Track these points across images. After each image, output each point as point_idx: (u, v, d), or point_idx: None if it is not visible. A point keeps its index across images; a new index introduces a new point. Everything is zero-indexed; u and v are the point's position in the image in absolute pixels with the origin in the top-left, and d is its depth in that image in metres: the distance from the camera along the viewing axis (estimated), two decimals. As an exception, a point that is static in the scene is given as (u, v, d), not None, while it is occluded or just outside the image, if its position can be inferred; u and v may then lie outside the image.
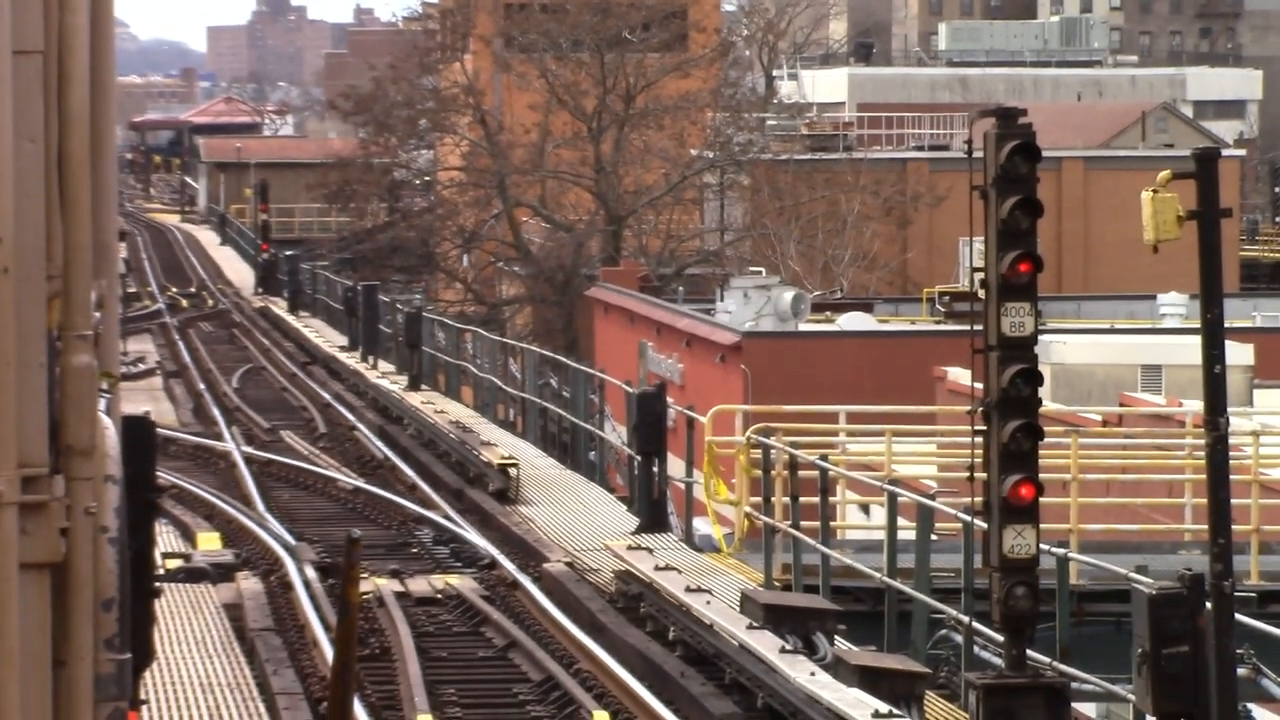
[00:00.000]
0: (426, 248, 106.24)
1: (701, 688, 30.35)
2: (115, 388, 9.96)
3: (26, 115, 6.72)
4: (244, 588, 36.20)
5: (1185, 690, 22.09)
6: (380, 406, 64.33)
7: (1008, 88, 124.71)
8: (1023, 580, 26.52)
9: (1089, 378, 52.41)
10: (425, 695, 30.11)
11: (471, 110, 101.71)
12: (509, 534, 42.94)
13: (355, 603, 20.89)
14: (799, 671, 29.13)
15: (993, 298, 26.35)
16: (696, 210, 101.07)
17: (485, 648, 33.72)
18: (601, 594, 36.49)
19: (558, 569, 38.70)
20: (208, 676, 29.20)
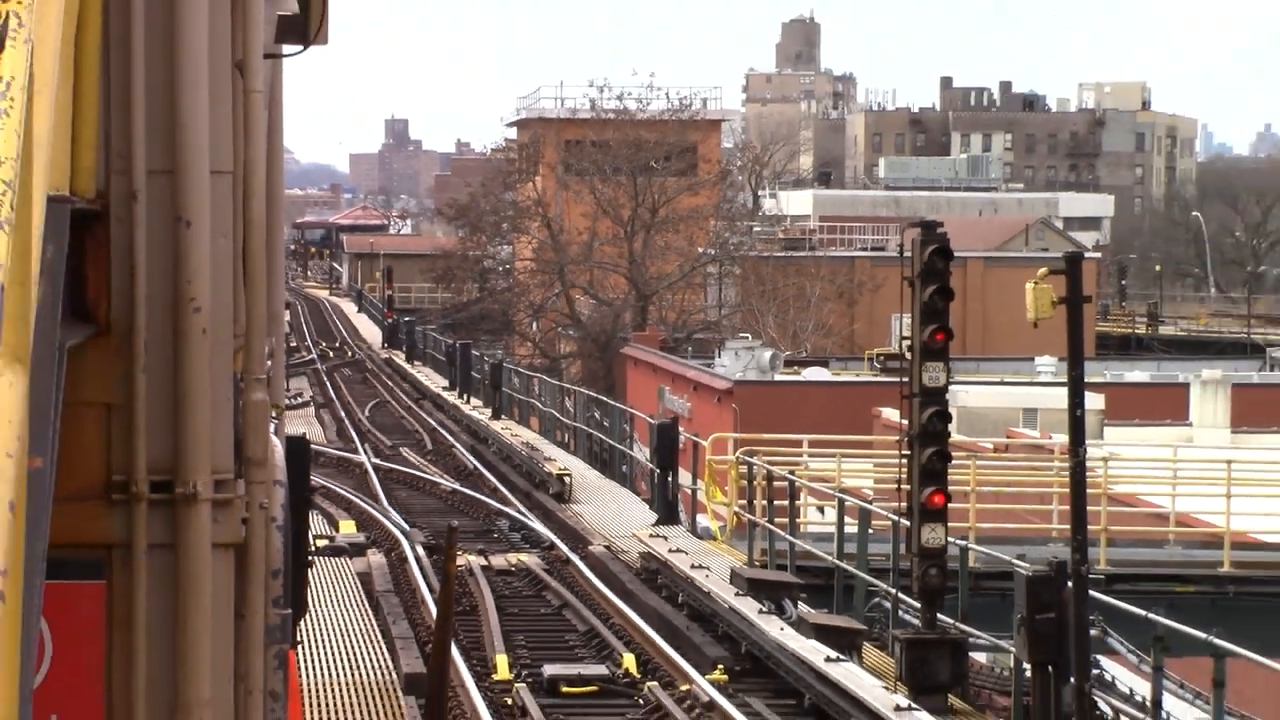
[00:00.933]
0: (506, 316, 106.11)
1: (701, 638, 30.32)
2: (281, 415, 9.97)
3: (220, 218, 6.72)
4: (372, 561, 36.18)
5: (1051, 645, 22.07)
6: (471, 431, 64.24)
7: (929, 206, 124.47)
8: (934, 563, 26.50)
9: (985, 417, 52.30)
10: (502, 640, 30.04)
11: (539, 217, 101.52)
12: (563, 524, 42.88)
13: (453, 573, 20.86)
14: (772, 627, 29.08)
15: (916, 358, 26.37)
16: (702, 291, 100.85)
17: (545, 607, 33.65)
18: (629, 569, 36.43)
19: (598, 550, 38.66)
20: (345, 625, 29.16)
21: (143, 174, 6.55)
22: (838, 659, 26.57)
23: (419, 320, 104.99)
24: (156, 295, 6.59)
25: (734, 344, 78.40)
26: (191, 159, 6.56)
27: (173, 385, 6.64)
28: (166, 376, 6.62)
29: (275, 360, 9.88)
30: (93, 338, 6.48)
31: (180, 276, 6.59)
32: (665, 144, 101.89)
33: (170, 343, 6.60)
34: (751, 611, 30.01)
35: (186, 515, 6.69)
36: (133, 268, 6.57)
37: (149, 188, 6.57)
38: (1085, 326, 23.03)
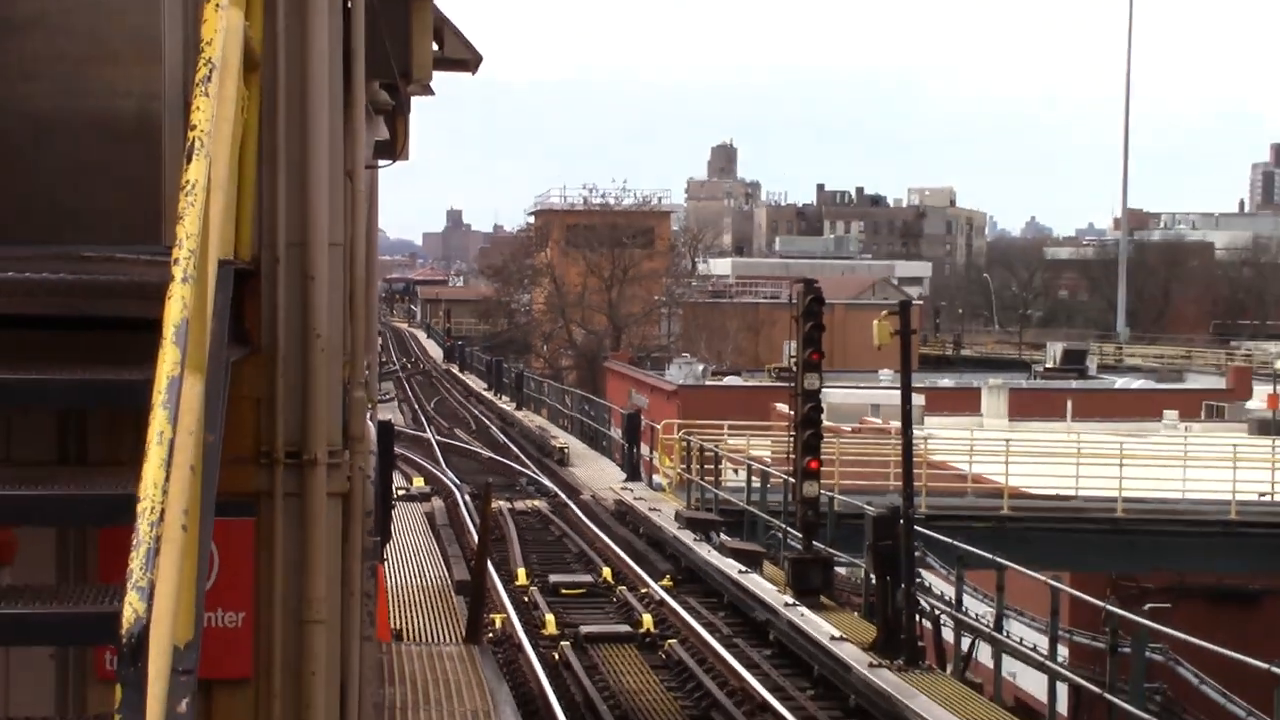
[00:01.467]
0: (525, 341, 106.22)
1: (655, 557, 30.32)
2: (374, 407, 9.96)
3: (334, 275, 6.68)
4: (434, 504, 36.17)
5: (889, 563, 22.06)
6: (502, 417, 64.23)
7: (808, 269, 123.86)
8: (811, 508, 26.48)
9: (844, 410, 52.29)
10: (521, 556, 30.05)
11: (549, 275, 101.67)
12: (563, 480, 42.85)
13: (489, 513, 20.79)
14: (702, 550, 29.06)
15: (800, 370, 26.38)
16: (657, 325, 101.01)
17: (550, 536, 33.62)
18: (607, 510, 36.41)
19: (586, 498, 38.62)
20: (416, 547, 29.11)
21: (283, 245, 6.53)
22: (746, 571, 26.64)
23: (467, 343, 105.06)
24: (291, 327, 6.56)
25: (678, 360, 78.36)
26: (316, 235, 6.53)
27: (301, 387, 6.60)
28: (297, 381, 6.59)
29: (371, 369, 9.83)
30: (249, 355, 6.44)
31: (307, 315, 6.55)
32: (633, 226, 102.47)
33: (300, 358, 6.57)
34: (689, 540, 30.06)
35: (310, 474, 6.66)
36: (275, 309, 6.54)
37: (286, 255, 6.54)
38: (911, 350, 23.01)
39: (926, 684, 19.66)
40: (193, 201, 4.49)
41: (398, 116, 10.54)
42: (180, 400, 4.17)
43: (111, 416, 6.43)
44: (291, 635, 6.70)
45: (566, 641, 23.34)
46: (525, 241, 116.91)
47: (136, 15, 6.35)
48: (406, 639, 19.69)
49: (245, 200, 5.94)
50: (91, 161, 6.40)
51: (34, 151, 6.31)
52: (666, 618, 24.89)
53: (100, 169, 6.40)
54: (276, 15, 6.39)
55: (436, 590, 24.30)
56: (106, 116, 6.45)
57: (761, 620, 24.16)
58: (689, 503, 36.34)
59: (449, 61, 11.55)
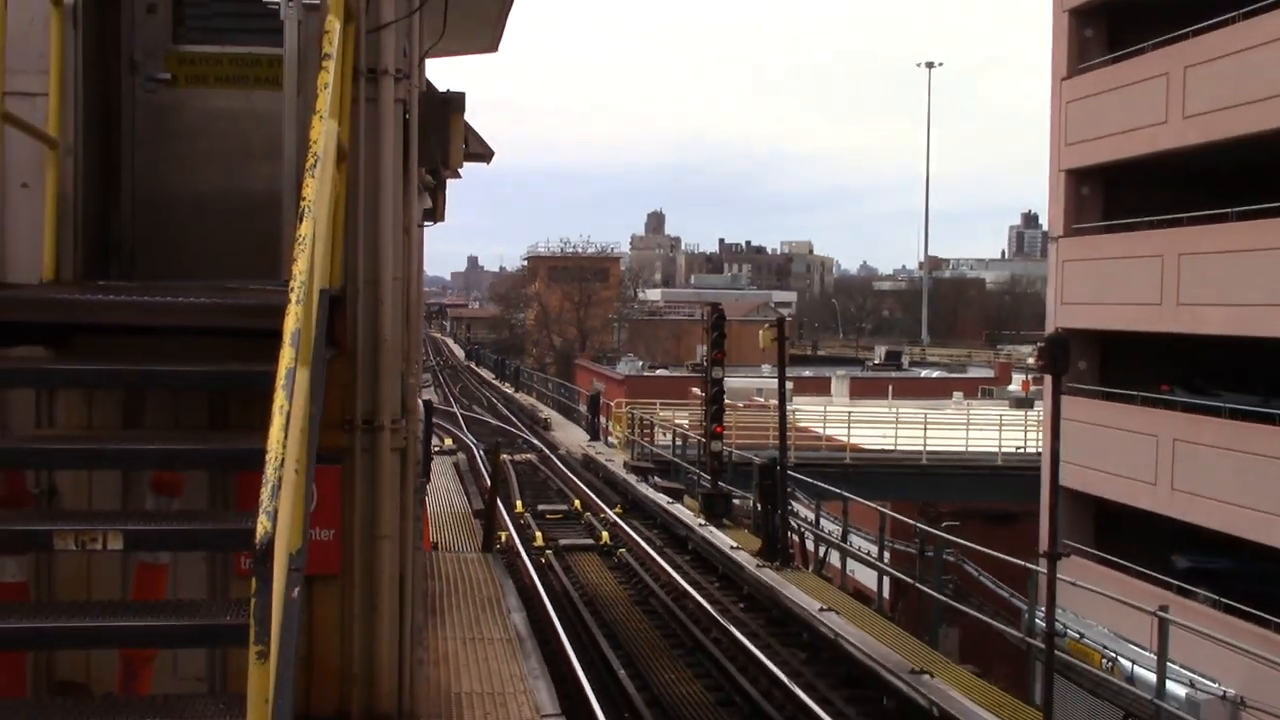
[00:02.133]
0: (522, 345, 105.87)
1: (610, 494, 30.25)
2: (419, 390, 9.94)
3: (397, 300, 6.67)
4: (459, 458, 35.96)
5: (770, 496, 22.10)
6: (505, 398, 63.98)
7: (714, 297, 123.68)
8: (717, 459, 26.47)
9: (739, 391, 52.27)
10: (519, 493, 29.94)
11: (536, 301, 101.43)
12: (547, 440, 42.70)
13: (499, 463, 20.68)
14: (643, 488, 29.03)
15: (709, 365, 26.38)
16: (612, 335, 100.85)
17: (538, 478, 33.50)
18: (577, 462, 36.31)
19: (563, 453, 38.49)
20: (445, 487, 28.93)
21: (362, 279, 6.52)
22: (673, 503, 26.58)
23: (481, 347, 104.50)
24: (367, 335, 6.55)
25: (625, 359, 78.31)
26: (384, 273, 6.53)
27: (374, 376, 6.59)
28: (371, 372, 6.58)
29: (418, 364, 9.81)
30: (338, 354, 6.43)
31: (378, 326, 6.54)
32: (594, 267, 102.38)
33: (373, 357, 6.56)
34: (633, 481, 29.98)
35: (379, 436, 6.64)
36: (356, 322, 6.52)
37: (364, 286, 6.52)
38: (784, 351, 23.03)
39: (796, 579, 19.74)
40: (303, 249, 4.50)
41: (438, 191, 10.52)
42: (294, 385, 4.19)
43: (246, 395, 6.42)
44: (366, 546, 6.69)
45: (550, 550, 23.30)
46: (521, 278, 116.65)
47: (269, 125, 6.46)
48: (441, 549, 19.61)
49: (337, 248, 5.95)
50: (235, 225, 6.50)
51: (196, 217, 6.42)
52: (618, 534, 24.89)
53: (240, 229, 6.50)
54: (359, 123, 6.41)
55: (461, 516, 24.21)
56: (246, 194, 6.54)
57: (683, 536, 24.18)
58: (633, 456, 36.32)
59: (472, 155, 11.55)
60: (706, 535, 22.83)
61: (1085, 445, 24.60)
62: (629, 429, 39.59)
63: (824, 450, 37.66)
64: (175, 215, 6.63)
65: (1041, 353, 12.47)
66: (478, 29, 10.56)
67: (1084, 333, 25.73)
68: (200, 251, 6.61)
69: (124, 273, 6.62)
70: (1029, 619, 16.76)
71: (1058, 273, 27.32)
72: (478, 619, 12.53)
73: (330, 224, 5.15)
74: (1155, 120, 24.01)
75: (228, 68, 6.74)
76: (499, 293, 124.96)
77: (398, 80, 6.52)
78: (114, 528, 4.63)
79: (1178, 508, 22.80)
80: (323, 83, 5.00)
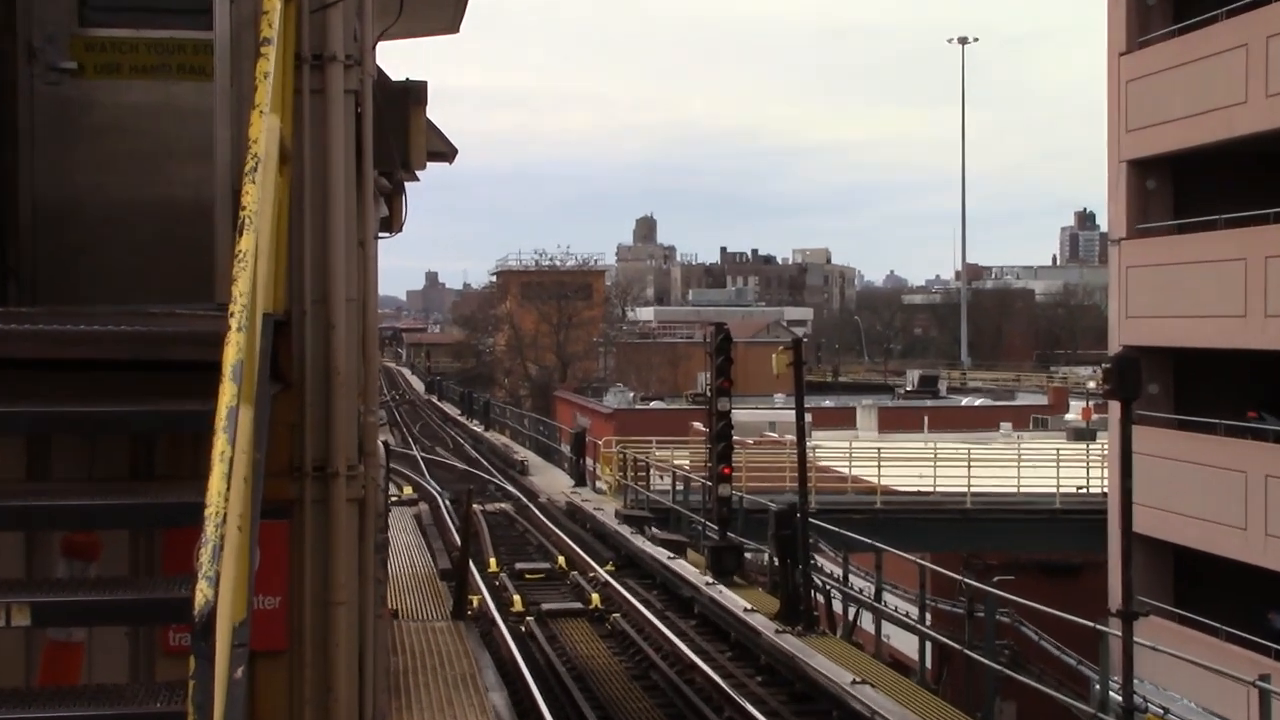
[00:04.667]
0: (491, 375, 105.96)
1: (600, 546, 30.23)
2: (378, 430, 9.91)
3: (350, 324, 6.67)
4: (421, 508, 35.92)
5: (789, 548, 22.09)
6: (473, 437, 63.93)
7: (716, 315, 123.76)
8: (725, 506, 26.49)
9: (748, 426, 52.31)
10: (492, 549, 29.90)
11: (509, 323, 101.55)
12: (523, 487, 42.67)
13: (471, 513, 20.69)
14: (638, 540, 29.00)
15: (714, 395, 26.41)
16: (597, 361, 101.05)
17: (515, 531, 33.47)
18: (560, 510, 36.28)
19: (543, 501, 38.47)
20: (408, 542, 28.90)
21: (310, 301, 6.51)
22: (674, 557, 26.56)
23: (444, 378, 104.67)
24: (317, 366, 6.53)
25: (613, 389, 78.40)
26: (336, 292, 6.52)
27: (325, 414, 6.57)
28: (322, 409, 6.55)
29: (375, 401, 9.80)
30: (283, 389, 6.41)
31: (329, 356, 6.53)
32: (575, 283, 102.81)
33: (324, 391, 6.53)
34: (627, 532, 29.98)
35: (332, 484, 6.61)
36: (304, 352, 6.51)
37: (313, 309, 6.52)
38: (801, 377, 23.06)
39: (821, 645, 19.69)
40: (244, 267, 4.50)
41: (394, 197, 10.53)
42: (237, 426, 4.18)
43: (172, 439, 6.39)
44: (319, 614, 6.65)
45: (531, 616, 23.23)
46: (489, 296, 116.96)
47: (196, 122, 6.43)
48: (404, 617, 19.54)
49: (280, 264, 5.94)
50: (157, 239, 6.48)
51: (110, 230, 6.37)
52: (611, 596, 24.82)
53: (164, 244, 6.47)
54: (304, 119, 6.40)
55: (425, 577, 24.14)
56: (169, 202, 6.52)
57: (687, 597, 24.13)
58: (625, 503, 36.28)
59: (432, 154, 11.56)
60: (715, 595, 22.79)
61: (1159, 483, 24.51)
62: (620, 472, 39.56)
63: (850, 493, 37.68)
64: (85, 229, 6.57)
65: (1107, 374, 12.46)
66: (437, 6, 10.59)
67: (1153, 350, 25.74)
68: (115, 271, 6.54)
69: (24, 297, 6.59)
70: (1100, 690, 16.70)
71: (1120, 281, 27.38)
72: (450, 700, 12.48)
73: (274, 237, 5.14)
74: (1232, 100, 24.10)
75: (145, 55, 6.68)
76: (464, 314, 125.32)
77: (348, 68, 6.51)
78: (18, 600, 4.59)
79: (1272, 557, 22.70)
80: (262, 71, 5.00)
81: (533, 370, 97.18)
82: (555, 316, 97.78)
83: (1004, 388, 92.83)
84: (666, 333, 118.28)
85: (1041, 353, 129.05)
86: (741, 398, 63.24)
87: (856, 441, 46.68)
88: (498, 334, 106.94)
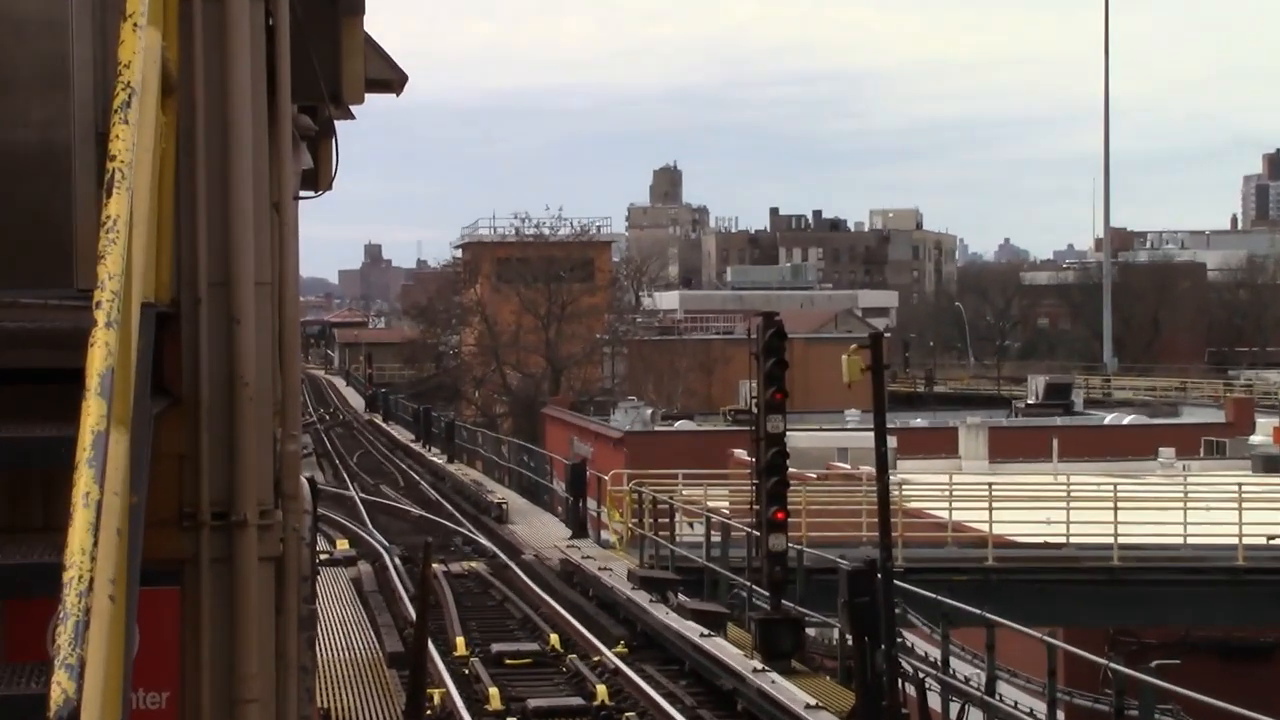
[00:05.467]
0: (456, 387, 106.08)
1: (607, 620, 30.28)
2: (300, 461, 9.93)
3: (262, 317, 6.70)
4: (361, 569, 36.02)
5: (867, 621, 22.08)
6: (433, 471, 64.03)
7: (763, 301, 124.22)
8: (779, 562, 26.52)
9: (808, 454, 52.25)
10: (459, 625, 29.95)
11: (479, 314, 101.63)
12: (502, 540, 42.74)
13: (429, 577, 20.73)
14: (659, 612, 29.02)
15: (762, 412, 26.45)
16: (600, 366, 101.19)
17: (490, 600, 33.51)
18: (552, 571, 36.35)
19: (529, 558, 38.53)
20: (343, 616, 29.00)
21: (205, 285, 6.54)
22: (709, 634, 26.57)
23: (391, 391, 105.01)
24: (216, 375, 6.55)
25: (624, 404, 78.53)
26: (241, 273, 6.54)
27: (228, 441, 6.59)
28: (223, 434, 6.58)
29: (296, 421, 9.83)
30: (169, 406, 6.43)
31: (233, 361, 6.55)
32: (570, 259, 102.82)
33: (226, 410, 6.55)
34: (644, 601, 30.02)
35: (239, 536, 6.64)
36: (197, 355, 6.53)
37: (209, 295, 6.54)
38: (882, 387, 23.09)
39: (912, 754, 19.68)
40: (114, 239, 4.49)
41: (321, 142, 10.57)
42: (107, 458, 4.18)
43: (13, 479, 6.40)
44: (221, 717, 6.67)
45: (513, 718, 23.25)
46: (452, 278, 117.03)
47: (40, 37, 6.40)
48: (337, 719, 19.60)
49: (163, 237, 5.95)
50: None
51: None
52: (622, 688, 24.82)
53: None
54: (194, 35, 6.41)
55: (368, 663, 24.17)
56: (4, 149, 6.51)
57: (728, 689, 24.11)
58: (642, 561, 36.28)
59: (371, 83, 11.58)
60: (765, 687, 22.79)
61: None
62: (635, 518, 39.61)
63: (951, 546, 37.69)
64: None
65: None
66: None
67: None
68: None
69: None
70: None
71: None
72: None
73: (155, 198, 5.16)
74: None
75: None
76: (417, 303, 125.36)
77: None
78: None
79: None
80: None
81: (513, 379, 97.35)
82: (543, 306, 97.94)
83: (1164, 400, 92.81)
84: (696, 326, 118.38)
85: (1216, 351, 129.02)
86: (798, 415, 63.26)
87: (959, 475, 46.65)
88: (464, 330, 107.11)
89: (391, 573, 34.88)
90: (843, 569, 23.39)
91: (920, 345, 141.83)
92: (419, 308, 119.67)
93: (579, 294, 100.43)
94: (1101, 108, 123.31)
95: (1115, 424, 74.05)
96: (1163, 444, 59.73)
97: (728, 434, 64.03)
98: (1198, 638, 36.56)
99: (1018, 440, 63.60)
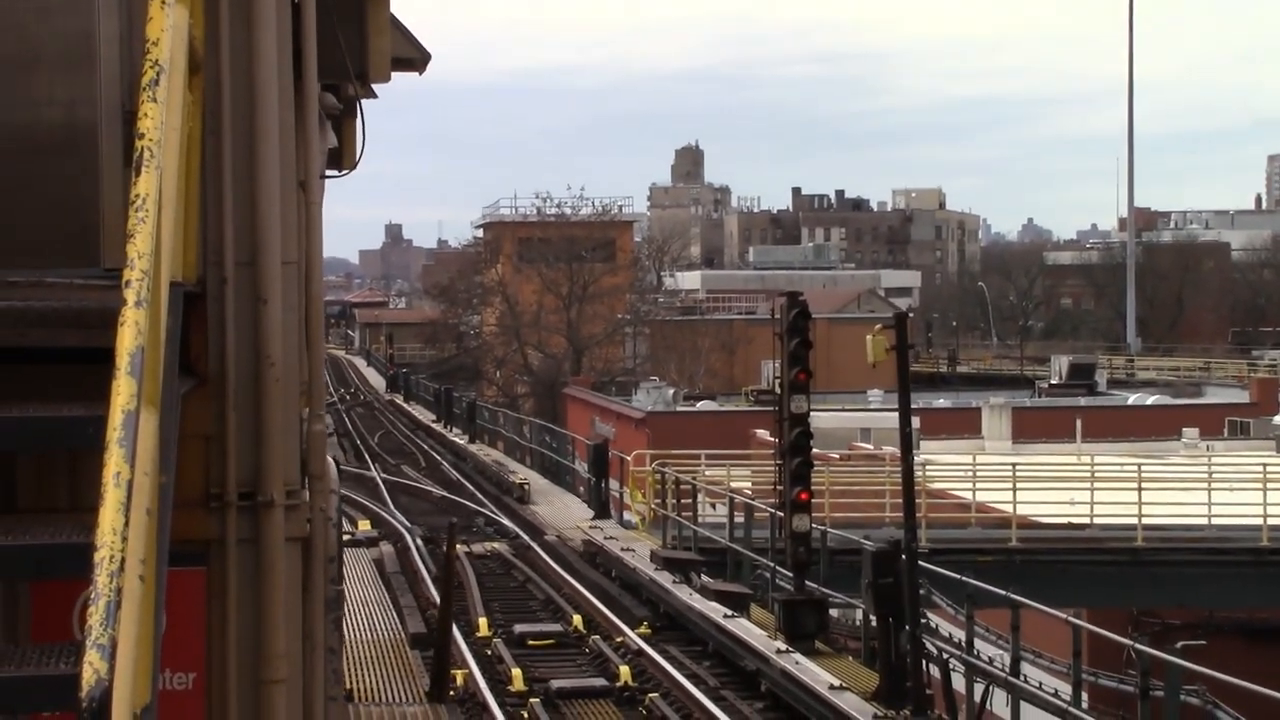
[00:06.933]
0: (477, 367, 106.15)
1: (630, 601, 30.29)
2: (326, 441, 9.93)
3: (288, 297, 6.68)
4: (383, 549, 36.03)
5: (891, 602, 22.06)
6: (454, 452, 64.03)
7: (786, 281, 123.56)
8: (802, 543, 26.49)
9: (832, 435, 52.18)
10: (482, 606, 29.97)
11: (500, 294, 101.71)
12: (524, 520, 42.74)
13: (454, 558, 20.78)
14: (682, 593, 29.03)
15: (785, 392, 26.40)
16: (621, 346, 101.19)
17: (513, 581, 33.53)
18: (575, 552, 36.36)
19: (551, 539, 38.56)
20: (365, 597, 29.03)
21: (232, 265, 6.52)
22: (732, 615, 26.60)
23: (412, 371, 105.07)
24: (242, 355, 6.54)
25: (646, 385, 78.59)
26: (268, 253, 6.53)
27: (254, 421, 6.58)
28: (250, 414, 6.57)
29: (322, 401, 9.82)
30: (196, 387, 6.42)
31: (259, 341, 6.54)
32: (591, 238, 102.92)
33: (252, 390, 6.55)
34: (667, 582, 30.06)
35: (265, 517, 6.63)
36: (224, 335, 6.52)
37: (236, 275, 6.53)
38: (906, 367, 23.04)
39: (936, 736, 19.66)
40: (144, 218, 4.48)
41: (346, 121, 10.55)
42: (137, 438, 4.16)
43: (40, 460, 6.39)
44: (248, 697, 6.67)
45: (536, 698, 23.26)
46: (473, 258, 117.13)
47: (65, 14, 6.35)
48: (360, 699, 19.61)
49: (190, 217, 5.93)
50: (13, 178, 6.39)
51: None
52: (645, 669, 24.83)
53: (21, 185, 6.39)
54: (220, 12, 6.40)
55: (391, 644, 24.19)
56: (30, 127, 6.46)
57: (751, 669, 24.12)
58: (665, 541, 36.29)
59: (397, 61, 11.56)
60: (789, 668, 22.79)
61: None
62: (657, 499, 39.60)
63: (974, 527, 37.64)
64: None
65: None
66: None
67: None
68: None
69: None
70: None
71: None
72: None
73: (182, 176, 5.14)
74: None
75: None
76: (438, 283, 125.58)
77: (282, -61, 6.55)
78: None
79: None
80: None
81: (534, 360, 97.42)
82: (565, 286, 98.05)
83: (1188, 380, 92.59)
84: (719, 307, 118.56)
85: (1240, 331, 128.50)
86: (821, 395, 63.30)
87: (983, 456, 46.58)
88: (485, 310, 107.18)
89: (414, 553, 34.90)
90: (867, 550, 23.38)
91: (943, 325, 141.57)
92: (440, 288, 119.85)
93: (600, 274, 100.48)
94: (1126, 87, 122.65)
95: (1139, 404, 73.92)
96: (1186, 424, 59.60)
97: (750, 414, 64.04)
98: (1222, 619, 36.50)
99: (1041, 421, 63.52)
